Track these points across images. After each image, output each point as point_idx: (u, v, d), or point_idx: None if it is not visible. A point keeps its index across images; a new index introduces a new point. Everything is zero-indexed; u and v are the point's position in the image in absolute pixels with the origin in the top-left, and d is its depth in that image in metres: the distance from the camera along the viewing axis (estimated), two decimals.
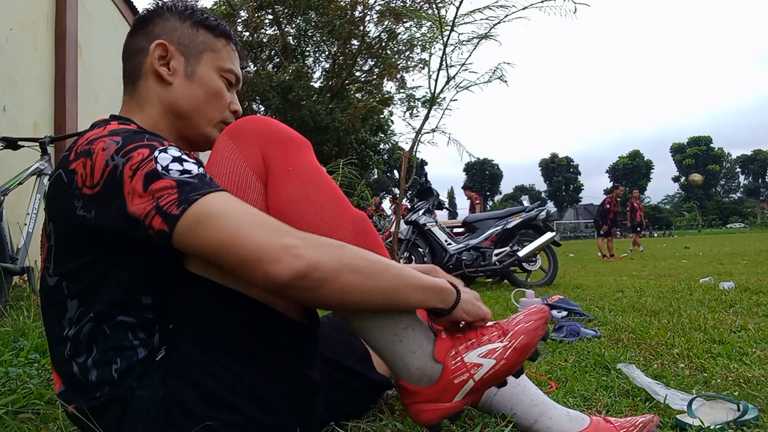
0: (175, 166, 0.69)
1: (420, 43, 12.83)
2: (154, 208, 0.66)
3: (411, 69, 15.00)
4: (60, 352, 0.77)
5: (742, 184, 68.42)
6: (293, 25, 15.83)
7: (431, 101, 2.55)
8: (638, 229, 11.81)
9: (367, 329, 0.79)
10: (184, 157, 0.71)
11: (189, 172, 0.69)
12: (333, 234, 0.75)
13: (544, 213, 4.62)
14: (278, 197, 0.75)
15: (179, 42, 0.89)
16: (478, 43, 2.39)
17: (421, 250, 4.66)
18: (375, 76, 15.97)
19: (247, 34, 15.22)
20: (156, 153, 0.69)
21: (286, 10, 15.03)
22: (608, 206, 10.26)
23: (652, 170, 66.71)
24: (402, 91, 15.87)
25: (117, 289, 0.75)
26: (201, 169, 0.71)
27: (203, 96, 0.90)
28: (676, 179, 67.92)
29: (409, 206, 5.37)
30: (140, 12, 0.93)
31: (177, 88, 0.88)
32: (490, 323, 0.85)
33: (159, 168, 0.68)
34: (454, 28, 2.33)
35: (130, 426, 0.74)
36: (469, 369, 0.79)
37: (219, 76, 0.92)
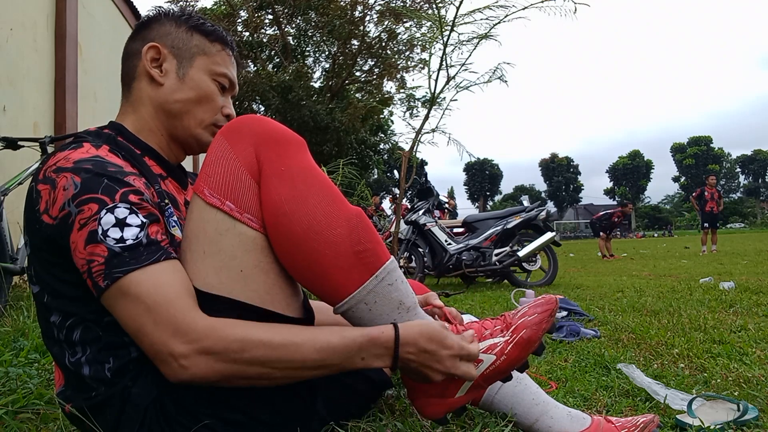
0: (114, 233, 0.69)
1: (420, 43, 12.83)
2: (87, 272, 0.70)
3: (411, 69, 15.01)
4: (55, 352, 0.79)
5: (742, 184, 68.42)
6: (293, 25, 15.83)
7: (431, 101, 2.55)
8: (705, 225, 9.45)
9: (366, 325, 0.79)
10: (129, 219, 0.71)
11: (124, 241, 0.69)
12: (326, 233, 0.74)
13: (544, 213, 4.62)
14: (270, 198, 0.74)
15: (172, 45, 0.90)
16: (478, 43, 2.39)
17: (421, 250, 4.66)
18: (375, 76, 15.97)
19: (247, 34, 15.22)
20: (102, 213, 0.70)
21: (286, 10, 15.03)
22: (615, 219, 10.35)
23: (652, 170, 66.69)
24: (402, 91, 15.89)
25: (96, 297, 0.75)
26: (142, 233, 0.71)
27: (193, 97, 0.90)
28: (676, 179, 67.92)
29: (409, 206, 5.37)
30: (141, 15, 0.94)
31: (167, 88, 0.89)
32: (495, 317, 0.84)
33: (99, 231, 0.69)
34: (454, 28, 2.33)
35: (129, 424, 0.74)
36: None
37: (211, 80, 0.92)
